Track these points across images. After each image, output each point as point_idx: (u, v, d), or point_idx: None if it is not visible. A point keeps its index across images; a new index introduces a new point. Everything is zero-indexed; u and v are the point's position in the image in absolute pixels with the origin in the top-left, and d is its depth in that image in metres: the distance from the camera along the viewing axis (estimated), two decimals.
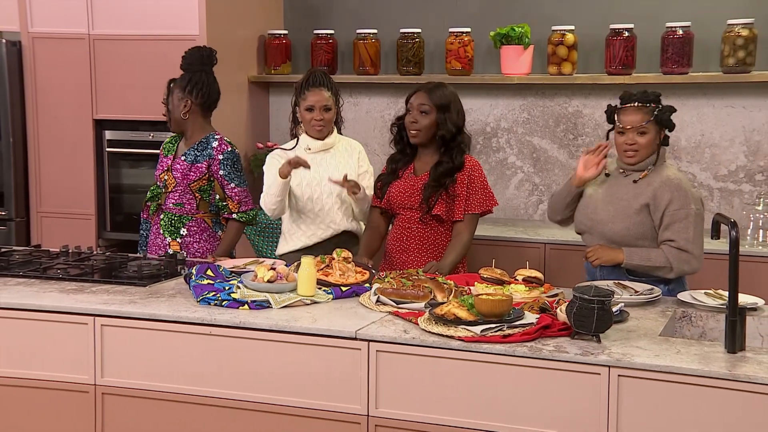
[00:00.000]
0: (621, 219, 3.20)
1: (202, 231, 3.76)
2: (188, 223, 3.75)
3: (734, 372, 2.35)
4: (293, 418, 2.75)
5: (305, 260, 2.99)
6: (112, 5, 4.63)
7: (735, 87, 4.39)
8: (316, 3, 5.08)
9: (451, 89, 3.59)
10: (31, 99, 4.78)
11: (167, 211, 3.77)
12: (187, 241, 3.74)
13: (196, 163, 3.71)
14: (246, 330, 2.77)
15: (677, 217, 3.13)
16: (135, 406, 2.91)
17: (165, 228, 3.76)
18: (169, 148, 3.84)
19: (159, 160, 3.88)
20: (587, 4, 4.62)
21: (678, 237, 3.12)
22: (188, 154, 3.74)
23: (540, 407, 2.51)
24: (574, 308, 2.53)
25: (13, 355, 3.00)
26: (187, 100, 3.74)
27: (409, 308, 2.84)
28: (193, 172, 3.71)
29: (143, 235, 3.90)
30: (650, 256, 3.15)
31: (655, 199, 3.16)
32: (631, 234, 3.18)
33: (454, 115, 3.51)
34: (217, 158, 3.71)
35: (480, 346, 2.55)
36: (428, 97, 3.50)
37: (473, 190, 3.50)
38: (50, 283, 3.20)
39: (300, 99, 3.66)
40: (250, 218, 3.77)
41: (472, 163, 3.54)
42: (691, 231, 3.13)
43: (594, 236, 3.28)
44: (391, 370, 2.64)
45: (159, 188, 3.83)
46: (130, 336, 2.90)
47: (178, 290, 3.11)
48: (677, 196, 3.15)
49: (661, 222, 3.15)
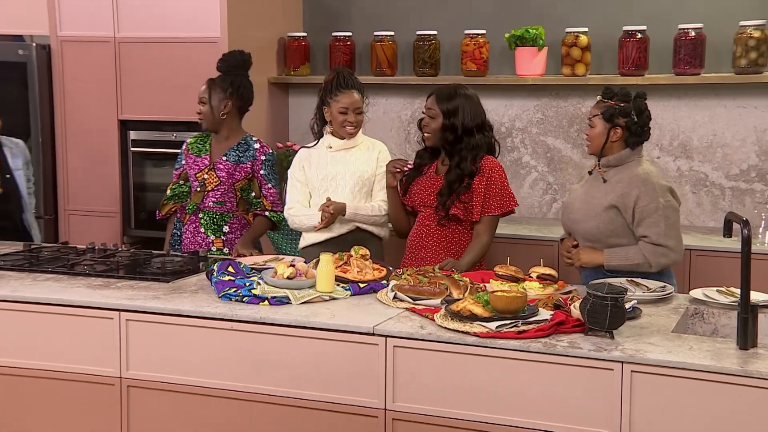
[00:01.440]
0: (590, 217, 3.18)
1: (243, 227, 3.83)
2: (230, 220, 3.80)
3: (746, 368, 2.33)
4: (312, 411, 2.75)
5: (324, 257, 2.98)
6: (137, 9, 4.65)
7: (747, 87, 4.35)
8: (334, 6, 5.07)
9: (465, 93, 3.50)
10: (59, 100, 4.81)
11: (206, 209, 3.79)
12: (230, 237, 3.80)
13: (241, 164, 3.78)
14: (266, 325, 2.77)
15: (647, 212, 3.10)
16: (159, 398, 2.92)
17: (207, 226, 3.79)
18: (199, 149, 3.86)
19: (183, 159, 3.89)
20: (600, 7, 4.59)
21: (650, 232, 3.09)
22: (230, 155, 3.79)
23: (554, 402, 2.50)
24: (588, 305, 2.52)
25: (42, 348, 3.02)
26: (228, 101, 3.79)
27: (426, 305, 2.83)
28: (238, 172, 3.77)
29: (176, 234, 3.91)
30: (628, 255, 3.12)
31: (623, 198, 3.13)
32: (602, 232, 3.16)
33: (462, 119, 3.43)
34: (260, 159, 3.80)
35: (495, 341, 2.54)
36: (436, 102, 3.47)
37: (491, 191, 3.45)
38: (77, 278, 3.22)
39: (330, 99, 3.62)
40: (279, 219, 3.81)
41: (491, 164, 3.47)
42: (663, 224, 3.09)
43: (576, 235, 3.27)
44: (408, 364, 2.63)
45: (182, 187, 3.84)
46: (154, 330, 2.90)
47: (200, 286, 3.11)
48: (644, 191, 3.11)
49: (633, 219, 3.12)
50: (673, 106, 4.49)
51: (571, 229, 3.31)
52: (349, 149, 3.67)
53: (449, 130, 3.44)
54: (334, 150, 3.66)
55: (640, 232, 3.12)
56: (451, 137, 3.44)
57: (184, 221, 3.86)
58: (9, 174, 3.86)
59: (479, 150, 3.46)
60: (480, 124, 3.48)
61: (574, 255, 3.19)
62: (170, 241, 3.93)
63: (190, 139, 3.93)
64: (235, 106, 3.82)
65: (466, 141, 3.44)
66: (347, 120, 3.61)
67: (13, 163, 3.87)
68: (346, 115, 3.60)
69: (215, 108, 3.78)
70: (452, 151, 3.47)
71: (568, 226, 3.34)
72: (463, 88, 3.52)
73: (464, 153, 3.44)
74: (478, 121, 3.48)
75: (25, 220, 3.91)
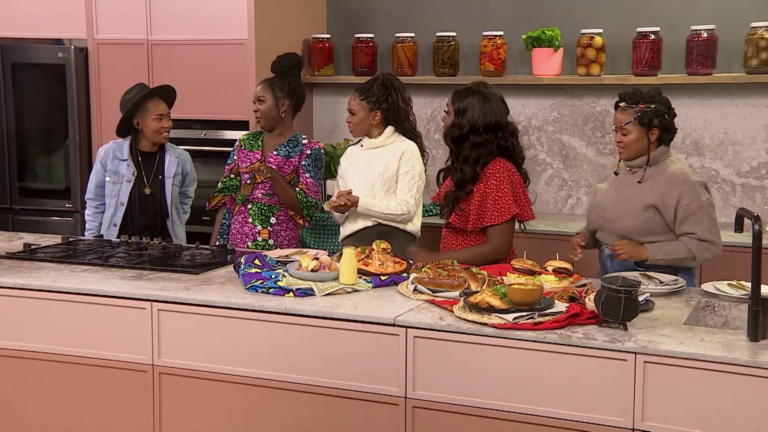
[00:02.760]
0: (629, 216, 3.12)
1: (289, 220, 3.87)
2: (277, 212, 3.85)
3: (756, 359, 2.30)
4: (335, 399, 2.75)
5: (347, 251, 2.98)
6: (169, 13, 4.67)
7: (758, 87, 4.31)
8: (357, 8, 5.07)
9: (483, 91, 3.35)
10: (95, 100, 4.84)
11: (255, 201, 3.84)
12: (276, 229, 3.84)
13: (290, 158, 3.84)
14: (291, 316, 2.78)
15: (690, 210, 3.06)
16: (189, 385, 2.94)
17: (255, 217, 3.84)
18: (252, 144, 3.91)
19: (235, 154, 3.95)
20: (615, 8, 4.55)
21: (696, 229, 3.05)
22: (281, 150, 3.85)
23: (569, 391, 2.49)
24: (602, 298, 2.50)
25: (79, 336, 3.05)
26: (285, 100, 3.85)
27: (445, 297, 2.83)
28: (287, 166, 3.83)
29: (225, 224, 3.98)
30: (671, 250, 3.07)
31: (663, 198, 3.08)
32: (639, 230, 3.11)
33: (471, 118, 3.29)
34: (305, 152, 3.85)
35: (512, 333, 2.53)
36: (451, 99, 3.40)
37: (488, 199, 3.28)
38: (112, 270, 3.24)
39: None
40: (309, 204, 3.81)
41: (494, 168, 3.30)
42: (706, 221, 3.06)
43: (606, 233, 3.22)
44: (427, 354, 2.63)
45: (233, 180, 3.93)
46: (185, 320, 2.92)
47: (228, 278, 3.13)
48: (686, 190, 3.07)
49: (675, 218, 3.08)
50: (685, 105, 4.45)
51: (602, 227, 3.24)
52: (377, 148, 3.66)
53: (456, 127, 3.34)
54: (365, 148, 3.68)
55: (685, 230, 3.06)
56: (456, 134, 3.35)
57: (234, 212, 3.92)
58: (161, 176, 3.94)
59: (482, 149, 3.30)
60: (491, 123, 3.31)
61: (618, 248, 3.11)
62: (219, 231, 3.99)
63: (243, 135, 3.99)
64: (291, 105, 3.88)
65: (471, 139, 3.31)
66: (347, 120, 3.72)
67: (168, 171, 3.95)
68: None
69: (273, 107, 3.83)
70: (458, 150, 3.37)
71: (599, 224, 3.26)
72: (484, 86, 3.39)
73: (467, 152, 3.31)
74: (490, 119, 3.31)
75: (168, 224, 3.97)
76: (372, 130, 3.67)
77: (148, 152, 3.96)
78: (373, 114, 3.64)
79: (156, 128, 3.89)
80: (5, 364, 3.14)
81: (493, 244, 3.32)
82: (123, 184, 3.91)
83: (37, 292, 3.07)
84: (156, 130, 3.89)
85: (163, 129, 3.90)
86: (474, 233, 3.37)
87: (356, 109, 3.65)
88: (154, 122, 3.88)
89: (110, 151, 3.96)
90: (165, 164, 3.96)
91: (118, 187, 3.92)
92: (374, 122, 3.65)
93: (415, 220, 3.67)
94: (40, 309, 3.08)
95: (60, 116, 4.86)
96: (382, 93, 3.63)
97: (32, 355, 3.09)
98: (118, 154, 3.94)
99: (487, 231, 3.33)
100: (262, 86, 3.87)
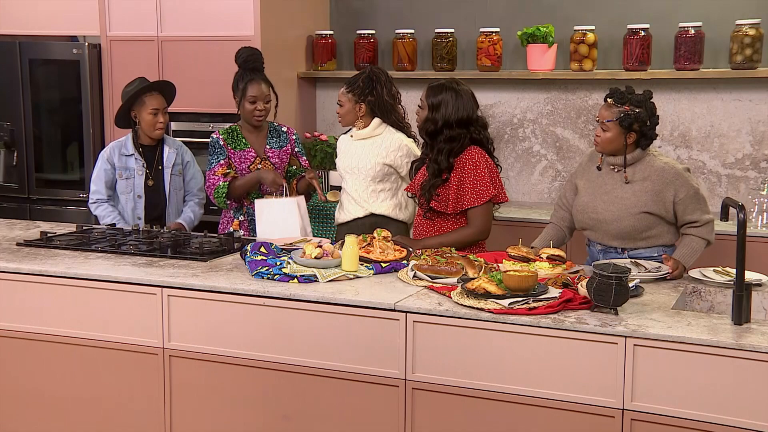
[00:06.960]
0: (625, 218, 3.06)
1: None
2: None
3: (740, 342, 2.30)
4: (338, 381, 2.74)
5: (348, 239, 2.97)
6: (178, 11, 4.65)
7: (742, 82, 4.29)
8: (359, 5, 5.04)
9: (455, 88, 3.27)
10: (108, 94, 4.82)
11: (264, 195, 3.72)
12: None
13: (283, 148, 3.83)
14: (295, 301, 2.76)
15: (687, 200, 3.03)
16: (197, 367, 2.93)
17: None
18: (235, 143, 3.78)
19: (224, 151, 3.76)
20: (606, 6, 4.53)
21: (697, 216, 3.03)
22: (271, 143, 3.82)
23: (562, 373, 2.48)
24: (594, 284, 2.49)
25: (92, 321, 3.04)
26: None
27: (443, 283, 2.81)
28: (284, 155, 3.84)
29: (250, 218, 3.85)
30: (694, 248, 3.01)
31: (658, 195, 3.03)
32: (636, 230, 3.07)
33: (444, 113, 3.22)
34: (292, 138, 3.88)
35: (508, 317, 2.51)
36: (425, 94, 3.33)
37: (466, 184, 3.23)
38: (124, 257, 3.23)
39: None
40: (319, 179, 3.83)
41: (468, 155, 3.25)
42: (703, 203, 3.05)
43: (599, 233, 3.15)
44: (426, 338, 2.62)
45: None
46: (193, 305, 2.91)
47: (234, 265, 3.11)
48: (679, 183, 3.03)
49: (675, 211, 3.05)
50: (673, 99, 4.43)
51: (593, 228, 3.15)
52: (366, 139, 3.63)
53: (430, 122, 3.28)
54: (355, 139, 3.65)
55: (688, 219, 3.03)
56: (431, 129, 3.28)
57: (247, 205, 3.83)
58: (161, 166, 3.89)
59: (455, 143, 3.24)
60: (464, 118, 3.25)
61: (678, 273, 2.94)
62: (248, 224, 3.81)
63: (222, 133, 3.81)
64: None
65: (445, 133, 3.25)
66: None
67: (167, 161, 3.90)
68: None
69: (268, 105, 3.78)
70: (432, 143, 3.31)
71: (589, 225, 3.16)
72: (456, 83, 3.32)
73: (441, 145, 3.24)
74: (462, 115, 3.24)
75: (166, 211, 3.92)
76: (357, 121, 3.64)
77: (149, 145, 3.91)
78: (358, 106, 3.61)
79: (151, 122, 3.82)
80: (23, 347, 3.13)
81: (476, 225, 3.27)
82: (136, 178, 3.87)
83: (52, 278, 3.06)
84: (151, 124, 3.82)
85: (158, 123, 3.82)
86: (450, 218, 3.30)
87: (343, 101, 3.64)
88: (150, 116, 3.81)
89: (114, 149, 3.89)
90: (164, 156, 3.91)
91: (132, 181, 3.87)
92: (359, 114, 3.62)
93: (406, 210, 3.67)
94: (56, 294, 3.06)
95: (75, 109, 4.84)
96: (368, 86, 3.59)
97: (48, 338, 3.08)
98: (123, 150, 3.88)
99: (468, 213, 3.28)
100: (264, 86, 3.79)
